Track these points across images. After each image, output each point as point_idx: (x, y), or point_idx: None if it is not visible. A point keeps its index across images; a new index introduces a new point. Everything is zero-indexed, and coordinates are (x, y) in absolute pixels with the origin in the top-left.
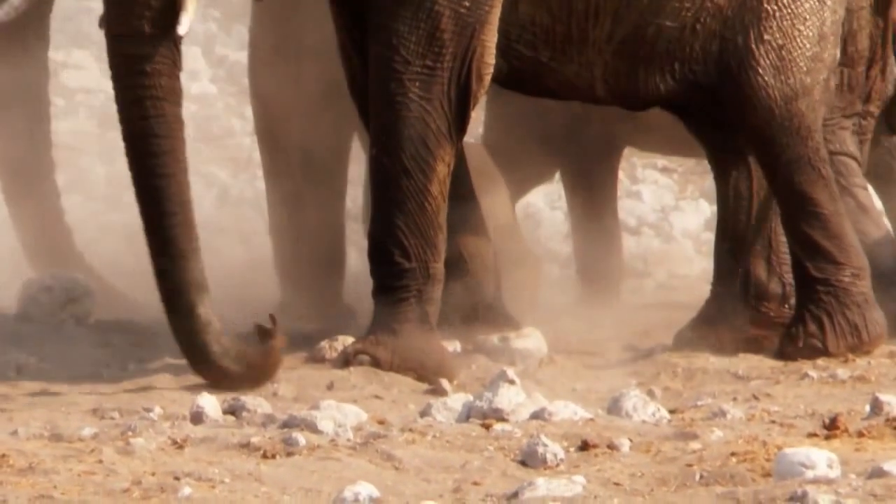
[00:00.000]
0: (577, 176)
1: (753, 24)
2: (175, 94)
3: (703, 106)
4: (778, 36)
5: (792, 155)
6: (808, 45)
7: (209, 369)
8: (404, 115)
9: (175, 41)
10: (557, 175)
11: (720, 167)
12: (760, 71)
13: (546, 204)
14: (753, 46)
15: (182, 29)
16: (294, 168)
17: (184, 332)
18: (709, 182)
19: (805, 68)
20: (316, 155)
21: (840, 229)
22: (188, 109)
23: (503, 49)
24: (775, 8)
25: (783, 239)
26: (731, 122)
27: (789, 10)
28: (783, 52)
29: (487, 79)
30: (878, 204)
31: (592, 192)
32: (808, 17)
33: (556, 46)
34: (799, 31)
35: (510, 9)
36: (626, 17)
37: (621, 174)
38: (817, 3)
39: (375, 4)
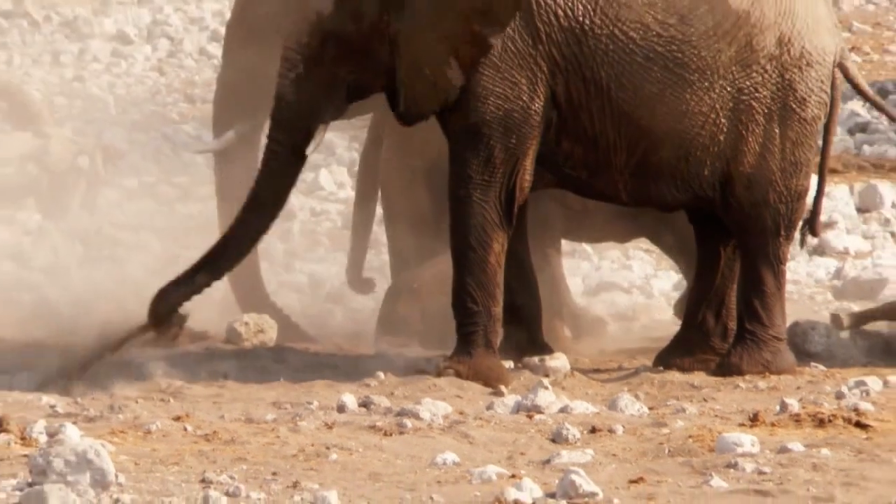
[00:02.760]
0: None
1: (732, 158)
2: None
3: (702, 209)
4: (748, 168)
5: (756, 248)
6: (771, 176)
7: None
8: (469, 211)
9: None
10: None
11: (701, 250)
12: (737, 190)
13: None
14: (732, 172)
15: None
16: (410, 250)
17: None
18: None
19: (768, 191)
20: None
21: (773, 305)
22: (338, 208)
23: (554, 170)
24: (746, 149)
25: (735, 298)
26: (722, 220)
27: (755, 150)
28: (751, 179)
29: (527, 190)
30: None
31: (545, 266)
32: (769, 154)
33: (589, 168)
34: (763, 164)
35: (554, 146)
36: (635, 150)
37: (618, 252)
38: (781, 144)
39: (453, 136)
